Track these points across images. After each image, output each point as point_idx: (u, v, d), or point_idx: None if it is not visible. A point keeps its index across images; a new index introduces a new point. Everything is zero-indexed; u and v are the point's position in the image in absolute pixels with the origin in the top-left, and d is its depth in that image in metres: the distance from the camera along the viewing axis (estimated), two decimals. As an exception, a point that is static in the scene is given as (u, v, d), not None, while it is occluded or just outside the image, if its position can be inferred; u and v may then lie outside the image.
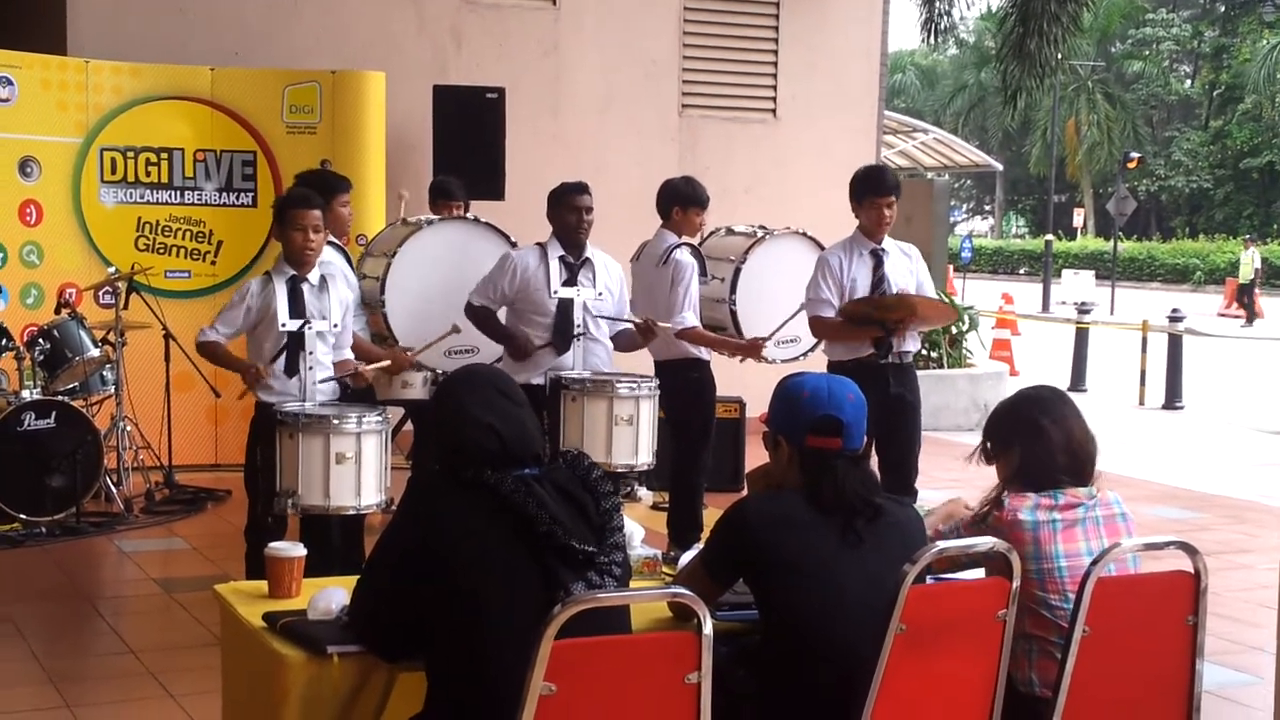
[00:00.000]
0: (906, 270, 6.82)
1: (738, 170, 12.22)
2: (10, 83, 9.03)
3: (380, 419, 5.42)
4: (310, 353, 5.70)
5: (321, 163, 9.65)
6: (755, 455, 3.99)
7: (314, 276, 5.75)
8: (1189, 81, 60.97)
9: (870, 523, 3.34)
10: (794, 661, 3.25)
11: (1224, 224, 54.01)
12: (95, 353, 8.17)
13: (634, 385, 6.22)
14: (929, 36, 16.36)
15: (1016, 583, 3.32)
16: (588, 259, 6.53)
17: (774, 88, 12.52)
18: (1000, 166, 37.75)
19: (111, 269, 8.77)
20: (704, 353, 7.05)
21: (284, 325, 5.65)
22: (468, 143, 10.04)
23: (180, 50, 9.84)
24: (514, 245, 6.95)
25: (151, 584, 6.96)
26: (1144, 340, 16.14)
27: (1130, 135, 52.79)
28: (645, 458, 6.25)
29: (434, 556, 3.01)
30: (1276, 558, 6.93)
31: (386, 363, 6.23)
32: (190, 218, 9.63)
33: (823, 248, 7.30)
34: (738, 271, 7.28)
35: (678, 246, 6.99)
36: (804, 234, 7.63)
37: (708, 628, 2.86)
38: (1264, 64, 50.26)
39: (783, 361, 7.22)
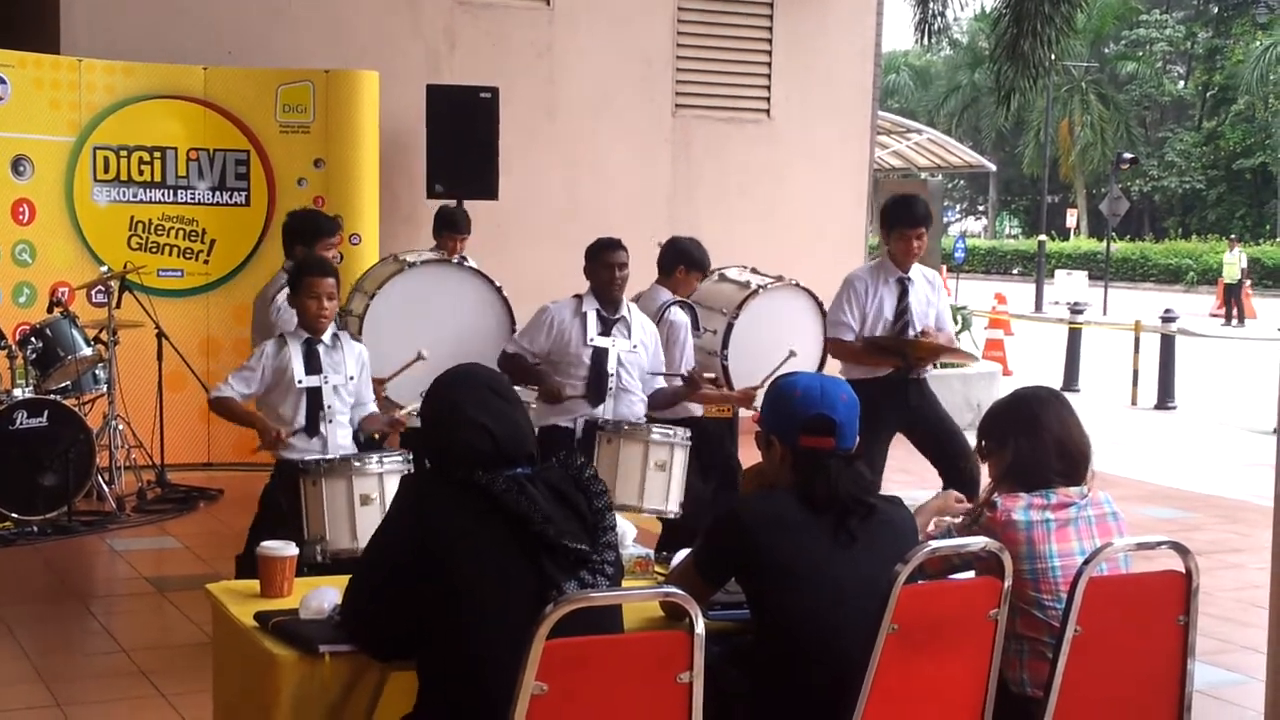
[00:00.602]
0: (927, 300, 6.93)
1: (731, 170, 12.23)
2: (3, 81, 9.01)
3: (402, 459, 5.40)
4: (329, 407, 5.69)
5: (315, 162, 9.68)
6: (748, 456, 4.00)
7: (327, 336, 5.76)
8: (1182, 82, 61.04)
9: (863, 522, 3.34)
10: (786, 661, 3.26)
11: (1216, 225, 54.07)
12: (88, 351, 8.15)
13: (669, 432, 6.16)
14: (923, 37, 16.38)
15: (1008, 582, 3.33)
16: (623, 316, 6.46)
17: (768, 88, 12.52)
18: (994, 167, 37.78)
19: (104, 268, 8.77)
20: (697, 408, 7.00)
21: (301, 382, 5.64)
22: (461, 143, 10.02)
23: (174, 49, 9.83)
24: (499, 290, 6.94)
25: (143, 583, 6.95)
26: (1136, 340, 16.16)
27: (1123, 136, 52.87)
28: (674, 506, 6.10)
29: (427, 556, 3.01)
30: (1268, 557, 6.93)
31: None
32: (183, 216, 9.62)
33: (819, 301, 7.31)
34: (730, 327, 7.22)
35: (671, 304, 6.94)
36: (798, 285, 7.44)
37: (700, 627, 2.87)
38: (1257, 65, 50.33)
39: None
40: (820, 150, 12.57)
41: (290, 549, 3.70)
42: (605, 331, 6.39)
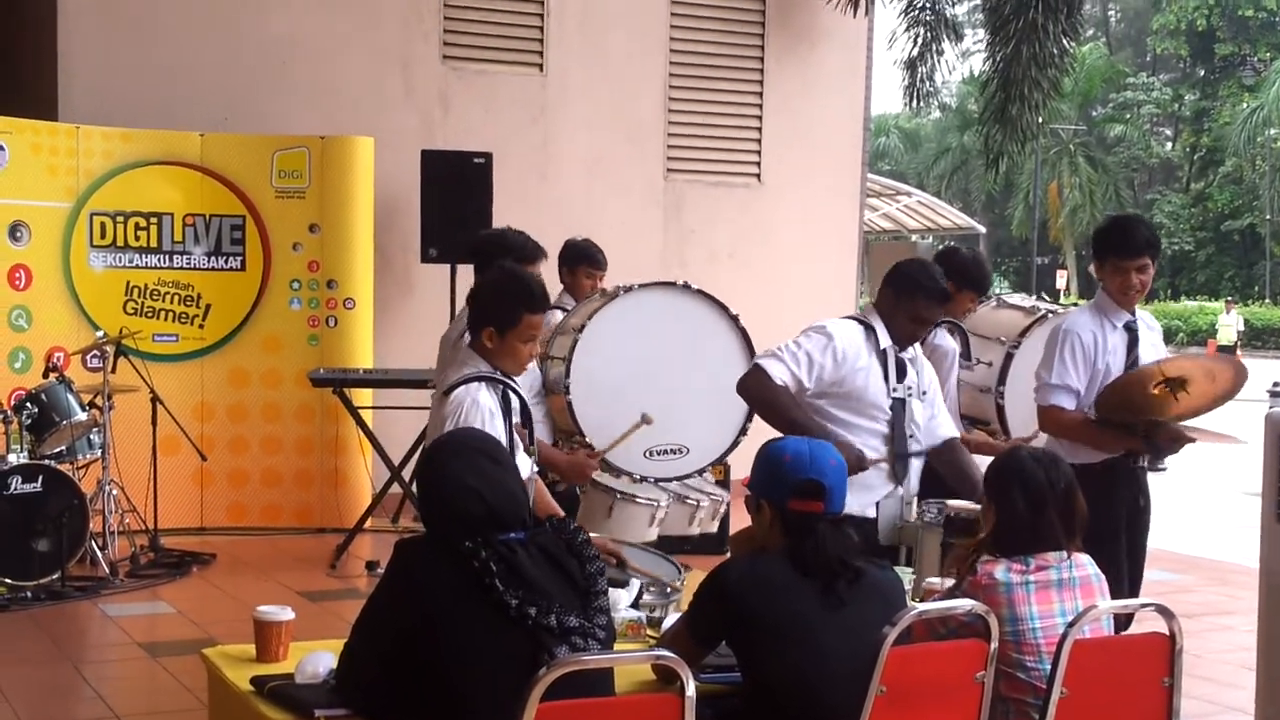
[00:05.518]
0: (1153, 349, 5.40)
1: (722, 233, 12.34)
2: (1, 148, 9.08)
3: None
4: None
5: (310, 227, 9.75)
6: (739, 519, 4.04)
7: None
8: (1170, 145, 61.53)
9: (851, 585, 3.38)
10: (776, 723, 3.29)
11: (1205, 286, 54.39)
12: (82, 416, 8.18)
13: None
14: (912, 101, 16.53)
15: (995, 644, 3.36)
16: (912, 355, 5.03)
17: (758, 151, 12.65)
18: (983, 229, 37.86)
19: (100, 333, 8.81)
20: None
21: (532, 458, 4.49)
22: (456, 207, 10.10)
23: (170, 116, 9.93)
24: (735, 318, 5.87)
25: (136, 648, 6.94)
26: (1127, 402, 16.18)
27: (1112, 198, 53.22)
28: None
29: (419, 622, 3.04)
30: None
31: None
32: (179, 281, 9.68)
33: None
34: (1009, 357, 5.94)
35: (938, 326, 5.76)
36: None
37: (691, 690, 2.90)
38: (1244, 127, 50.78)
39: None
40: (811, 213, 12.68)
41: (287, 614, 3.72)
42: (900, 374, 4.91)
